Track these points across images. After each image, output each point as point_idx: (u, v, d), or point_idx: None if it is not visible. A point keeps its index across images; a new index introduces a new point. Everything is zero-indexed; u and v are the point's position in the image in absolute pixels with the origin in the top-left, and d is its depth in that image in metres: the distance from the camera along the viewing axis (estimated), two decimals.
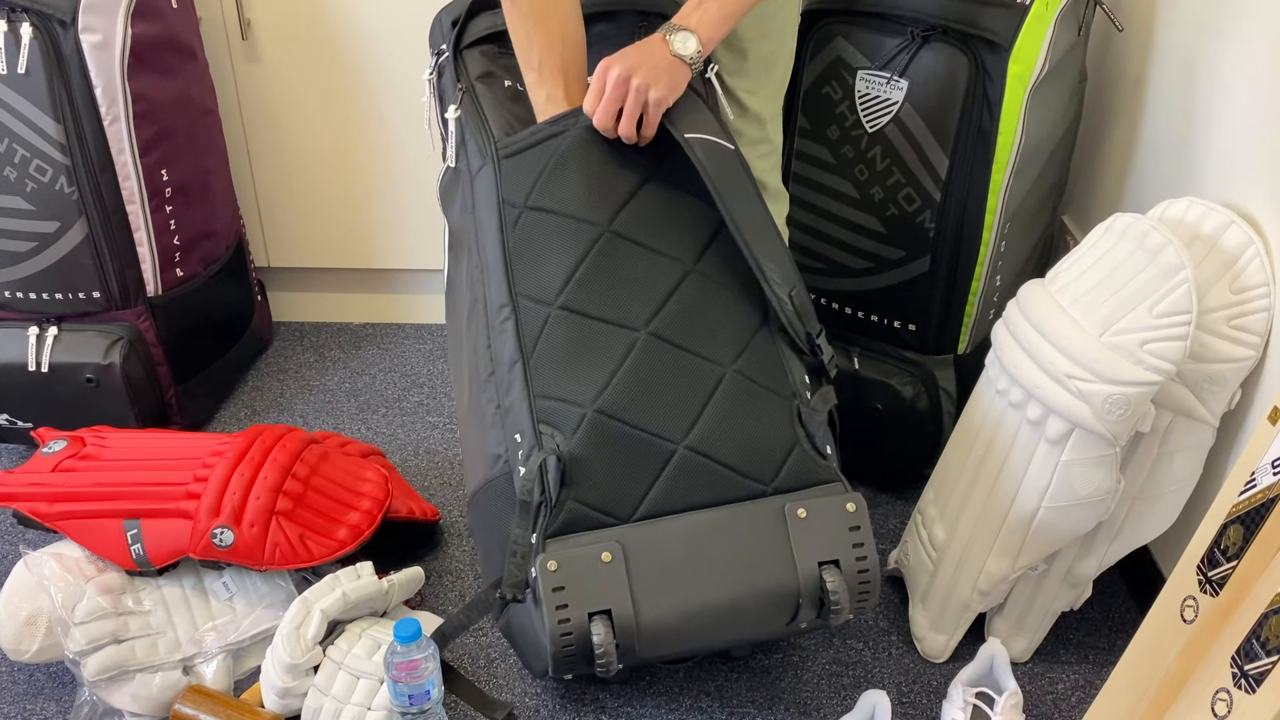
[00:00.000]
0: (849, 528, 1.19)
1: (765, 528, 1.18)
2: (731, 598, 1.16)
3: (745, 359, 1.25)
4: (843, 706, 1.39)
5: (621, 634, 1.13)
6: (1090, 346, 1.22)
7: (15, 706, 1.39)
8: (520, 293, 1.26)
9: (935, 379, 1.60)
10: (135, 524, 1.39)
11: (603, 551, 1.14)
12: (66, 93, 1.59)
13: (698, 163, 1.26)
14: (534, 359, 1.23)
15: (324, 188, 2.03)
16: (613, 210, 1.29)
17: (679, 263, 1.28)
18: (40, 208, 1.64)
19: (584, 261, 1.26)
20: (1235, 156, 1.30)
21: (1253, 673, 0.98)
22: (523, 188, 1.29)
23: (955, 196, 1.49)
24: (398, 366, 2.05)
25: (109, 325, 1.73)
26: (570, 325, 1.23)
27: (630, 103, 1.24)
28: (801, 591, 1.17)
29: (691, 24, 1.25)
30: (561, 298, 1.25)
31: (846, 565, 1.18)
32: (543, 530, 1.16)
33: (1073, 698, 1.40)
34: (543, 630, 1.15)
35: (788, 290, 1.27)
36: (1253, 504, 1.05)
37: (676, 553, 1.16)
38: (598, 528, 1.16)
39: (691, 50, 1.24)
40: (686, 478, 1.19)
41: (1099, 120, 1.71)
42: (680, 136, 1.27)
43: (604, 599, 1.13)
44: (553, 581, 1.12)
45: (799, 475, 1.21)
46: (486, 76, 1.39)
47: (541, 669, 1.26)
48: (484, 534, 1.31)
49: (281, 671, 1.31)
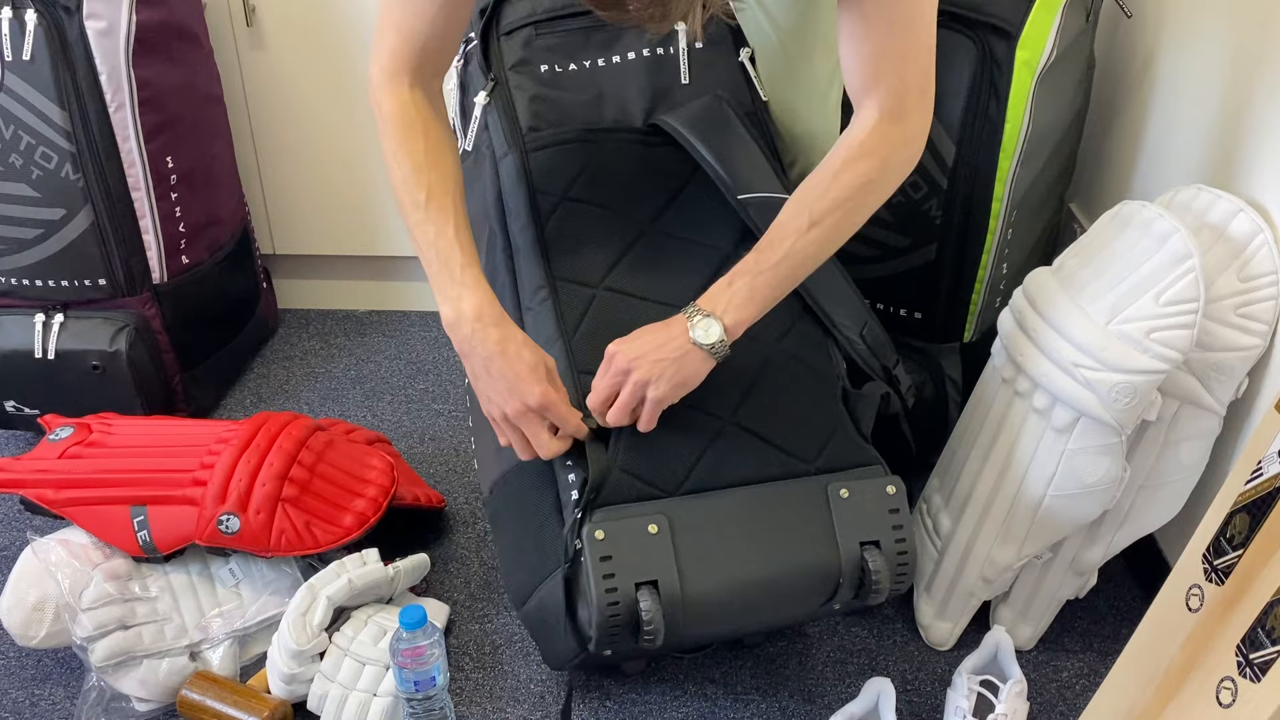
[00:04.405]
0: (889, 509, 1.21)
1: (809, 506, 1.19)
2: (775, 574, 1.17)
3: (791, 339, 1.26)
4: (847, 694, 1.39)
5: (667, 606, 1.13)
6: (1097, 335, 1.22)
7: (24, 692, 1.40)
8: (559, 276, 1.26)
9: (941, 367, 1.60)
10: (142, 510, 1.39)
11: (649, 523, 1.15)
12: (71, 79, 1.59)
13: (749, 219, 1.27)
14: (576, 337, 1.23)
15: (329, 174, 2.02)
16: (655, 210, 1.31)
17: (719, 249, 1.29)
18: (46, 195, 1.64)
19: (629, 251, 1.27)
20: (1244, 143, 1.30)
21: (1258, 661, 0.98)
22: (560, 181, 1.30)
23: (962, 184, 1.48)
24: (403, 354, 2.05)
25: (115, 312, 1.73)
26: (616, 304, 1.24)
27: (626, 395, 1.14)
28: (843, 571, 1.19)
29: (719, 308, 1.13)
30: (607, 280, 1.26)
31: (887, 546, 1.20)
32: (588, 500, 1.15)
33: (1077, 686, 1.40)
34: (585, 603, 1.15)
35: (858, 329, 1.28)
36: (1259, 493, 1.05)
37: (722, 528, 1.17)
38: (643, 499, 1.17)
39: (714, 339, 1.13)
40: (733, 453, 1.20)
41: (1107, 107, 1.70)
42: (734, 199, 1.28)
43: (651, 570, 1.13)
44: (600, 551, 1.12)
45: (841, 456, 1.23)
46: (521, 64, 1.38)
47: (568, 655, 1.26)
48: (512, 521, 1.31)
49: (287, 657, 1.32)
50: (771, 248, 1.15)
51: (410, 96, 1.17)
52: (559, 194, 1.29)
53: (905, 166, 1.17)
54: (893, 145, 1.14)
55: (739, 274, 1.15)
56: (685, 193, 1.32)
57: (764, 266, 1.14)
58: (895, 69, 1.11)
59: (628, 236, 1.29)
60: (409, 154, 1.15)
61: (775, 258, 1.14)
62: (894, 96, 1.12)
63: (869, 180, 1.14)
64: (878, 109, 1.13)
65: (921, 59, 1.13)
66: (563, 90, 1.35)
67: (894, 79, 1.12)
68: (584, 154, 1.31)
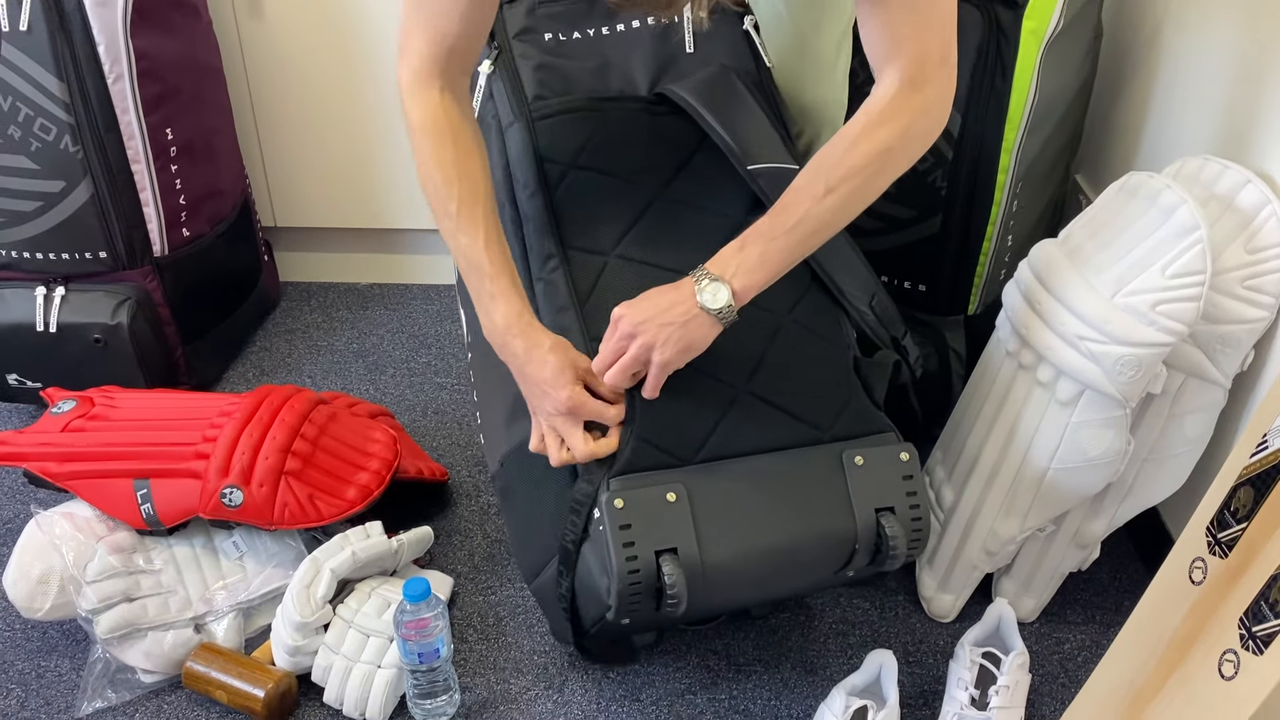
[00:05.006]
0: (903, 476, 1.22)
1: (824, 474, 1.20)
2: (792, 542, 1.18)
3: (802, 308, 1.26)
4: (849, 665, 1.40)
5: (688, 573, 1.14)
6: (1102, 307, 1.21)
7: (30, 663, 1.41)
8: (570, 244, 1.26)
9: (945, 340, 1.59)
10: (145, 484, 1.40)
11: (668, 492, 1.15)
12: (69, 50, 1.57)
13: (758, 190, 1.26)
14: (588, 306, 1.23)
15: (330, 146, 2.01)
16: (665, 178, 1.30)
17: (730, 216, 1.28)
18: (45, 167, 1.63)
19: (640, 219, 1.27)
20: (1253, 113, 1.28)
21: (1261, 634, 0.98)
22: (567, 149, 1.29)
23: (967, 155, 1.47)
24: (405, 327, 2.05)
25: (116, 285, 1.73)
26: (628, 272, 1.24)
27: (628, 359, 1.13)
28: (859, 537, 1.20)
29: (728, 272, 1.12)
30: (619, 248, 1.26)
31: (901, 512, 1.21)
32: (607, 469, 1.16)
33: (1079, 658, 1.41)
34: (603, 572, 1.15)
35: (867, 300, 1.27)
36: (1264, 466, 1.04)
37: (739, 496, 1.17)
38: (661, 468, 1.17)
39: (721, 304, 1.11)
40: (748, 422, 1.20)
41: (1114, 77, 1.68)
42: (743, 170, 1.27)
43: (670, 538, 1.14)
44: (620, 519, 1.13)
45: (855, 423, 1.23)
46: (525, 33, 1.37)
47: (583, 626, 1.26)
48: (523, 494, 1.31)
49: (292, 629, 1.32)
50: (786, 213, 1.14)
51: (440, 101, 1.17)
52: (567, 162, 1.28)
53: (927, 136, 1.15)
54: (914, 113, 1.13)
55: (751, 239, 1.14)
56: (694, 161, 1.31)
57: (776, 232, 1.13)
58: (916, 37, 1.10)
59: (638, 204, 1.28)
60: (439, 164, 1.16)
61: (788, 224, 1.13)
62: (915, 64, 1.11)
63: (888, 148, 1.13)
64: (899, 77, 1.11)
65: (942, 28, 1.12)
66: (567, 58, 1.34)
67: (915, 47, 1.10)
68: (591, 122, 1.30)
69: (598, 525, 1.15)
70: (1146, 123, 1.58)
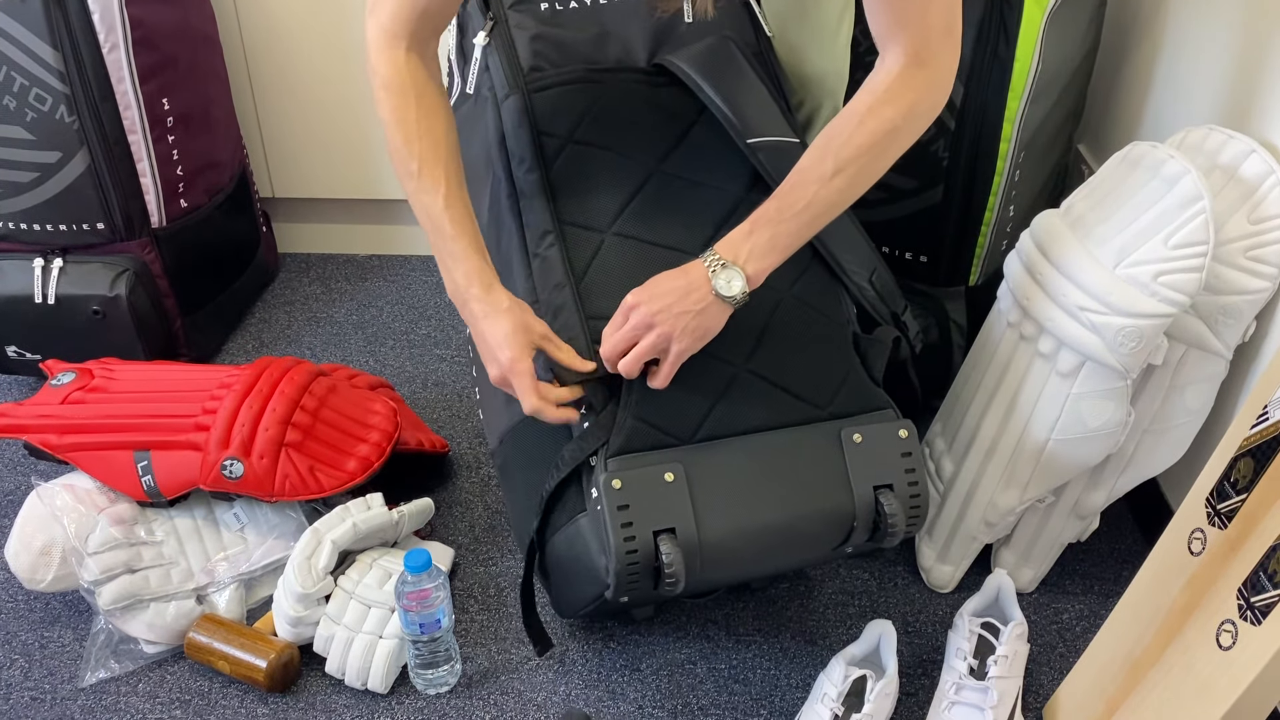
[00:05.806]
0: (901, 453, 1.22)
1: (822, 451, 1.20)
2: (790, 519, 1.18)
3: (802, 285, 1.25)
4: (849, 635, 1.41)
5: (685, 553, 1.14)
6: (1104, 278, 1.20)
7: (33, 634, 1.42)
8: (566, 220, 1.25)
9: (946, 311, 1.59)
10: (145, 455, 1.40)
11: (666, 471, 1.15)
12: (64, 19, 1.56)
13: (759, 164, 1.25)
14: (584, 282, 1.22)
15: (328, 116, 2.00)
16: (663, 152, 1.29)
17: (729, 192, 1.27)
18: (41, 138, 1.62)
19: (637, 195, 1.26)
20: (1258, 82, 1.27)
21: (1259, 605, 0.98)
22: (564, 121, 1.28)
23: (970, 124, 1.46)
24: (405, 299, 2.04)
25: (114, 257, 1.72)
26: (625, 250, 1.23)
27: (644, 348, 1.12)
28: (857, 514, 1.20)
29: (741, 258, 1.11)
30: (616, 225, 1.25)
31: (900, 490, 1.21)
32: (605, 449, 1.16)
33: (1078, 628, 1.41)
34: (601, 551, 1.16)
35: (867, 275, 1.26)
36: (1264, 437, 1.04)
37: (737, 474, 1.17)
38: (659, 447, 1.17)
39: (737, 291, 1.11)
40: (746, 400, 1.20)
41: (1118, 46, 1.67)
42: (743, 143, 1.25)
43: (668, 518, 1.14)
44: (618, 499, 1.13)
45: (853, 401, 1.23)
46: (521, 3, 1.35)
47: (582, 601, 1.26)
48: (523, 471, 1.31)
49: (293, 600, 1.33)
50: (794, 195, 1.13)
51: (405, 60, 1.16)
52: (564, 136, 1.27)
53: (932, 111, 1.14)
54: (919, 90, 1.11)
55: (760, 222, 1.13)
56: (692, 134, 1.30)
57: (786, 215, 1.12)
58: (920, 9, 1.08)
59: (635, 179, 1.27)
60: (400, 122, 1.15)
61: (798, 206, 1.12)
62: (920, 39, 1.09)
63: (895, 127, 1.12)
64: (903, 53, 1.10)
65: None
66: (564, 28, 1.32)
67: (919, 19, 1.08)
68: (588, 94, 1.29)
69: (596, 505, 1.15)
70: (1150, 92, 1.56)
